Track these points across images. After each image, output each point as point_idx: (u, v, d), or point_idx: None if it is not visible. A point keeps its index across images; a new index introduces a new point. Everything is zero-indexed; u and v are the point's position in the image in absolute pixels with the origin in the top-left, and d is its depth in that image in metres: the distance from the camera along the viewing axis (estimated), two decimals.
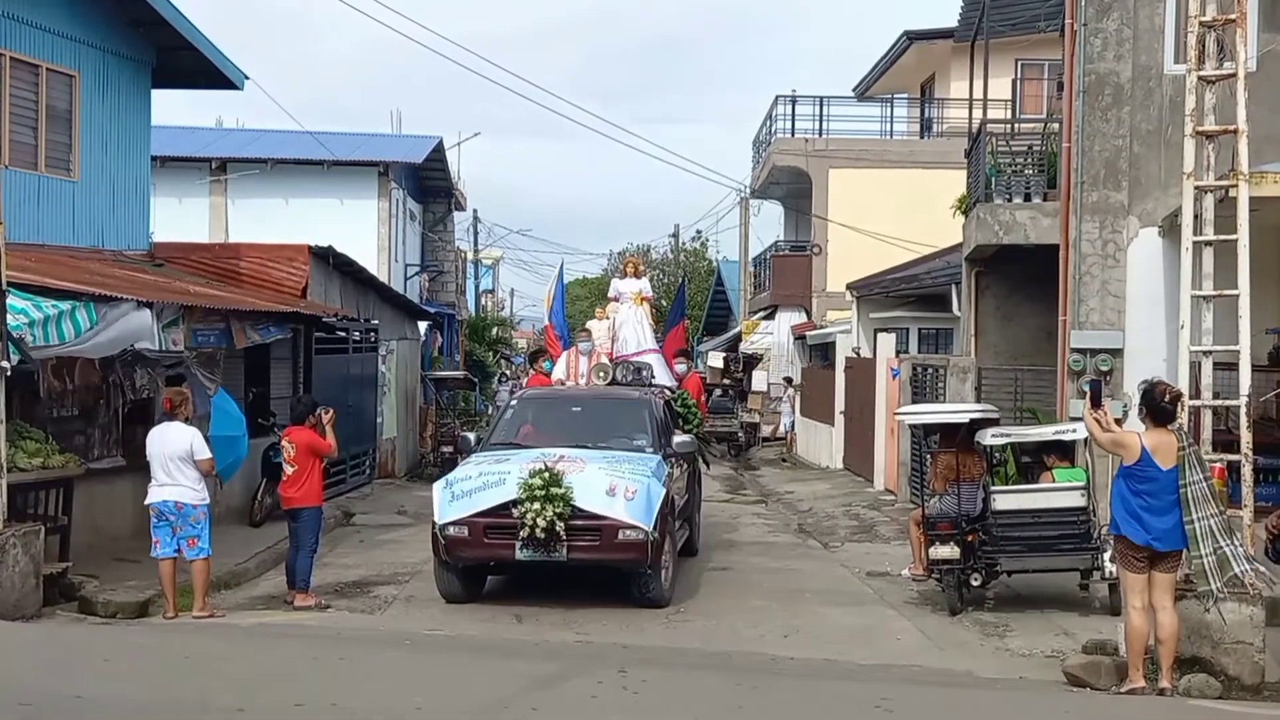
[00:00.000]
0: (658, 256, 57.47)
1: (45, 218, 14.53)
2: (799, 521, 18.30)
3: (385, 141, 32.39)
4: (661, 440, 12.60)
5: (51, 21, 14.59)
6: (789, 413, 30.41)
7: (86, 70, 15.23)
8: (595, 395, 13.95)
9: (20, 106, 14.14)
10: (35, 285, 11.10)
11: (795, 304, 32.59)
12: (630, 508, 11.03)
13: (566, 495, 10.89)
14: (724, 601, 11.87)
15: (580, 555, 11.08)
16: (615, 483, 11.17)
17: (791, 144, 31.46)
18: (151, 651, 8.63)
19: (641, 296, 16.83)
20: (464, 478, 11.52)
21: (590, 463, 11.51)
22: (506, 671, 8.21)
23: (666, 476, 11.89)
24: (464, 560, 11.40)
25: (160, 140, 19.16)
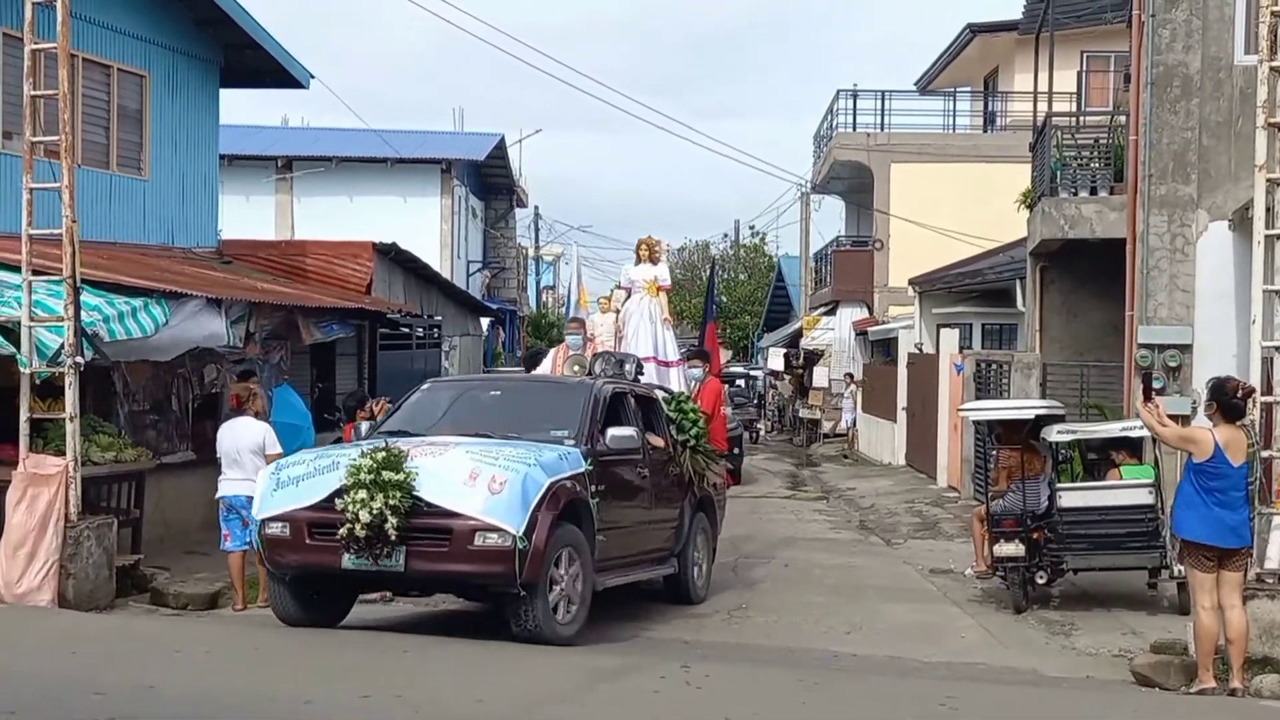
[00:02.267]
0: (717, 252, 57.46)
1: (117, 216, 14.80)
2: (861, 518, 18.23)
3: (448, 139, 32.65)
4: (594, 434, 9.85)
5: (122, 22, 14.85)
6: (850, 409, 30.29)
7: (156, 70, 15.49)
8: (520, 381, 12.27)
9: (92, 107, 14.41)
10: (108, 282, 11.32)
11: (857, 299, 32.44)
12: (493, 503, 8.43)
13: (405, 482, 8.46)
14: (785, 597, 11.85)
15: (424, 566, 8.61)
16: (479, 469, 8.59)
17: (853, 138, 31.29)
18: (221, 643, 8.78)
19: (657, 285, 13.75)
20: (296, 462, 9.24)
21: (459, 446, 9.10)
22: (566, 665, 8.27)
23: (577, 476, 9.24)
24: (287, 569, 9.05)
25: (228, 139, 19.44)
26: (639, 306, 13.52)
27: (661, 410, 11.46)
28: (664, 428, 11.28)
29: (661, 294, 13.76)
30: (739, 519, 17.69)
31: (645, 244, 14.02)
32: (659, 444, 10.99)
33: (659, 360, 13.33)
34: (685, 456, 11.29)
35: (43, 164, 10.77)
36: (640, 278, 13.73)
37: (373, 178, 28.78)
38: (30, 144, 10.42)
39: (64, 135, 10.26)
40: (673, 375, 13.30)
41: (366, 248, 18.15)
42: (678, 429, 11.48)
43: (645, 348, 13.21)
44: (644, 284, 13.66)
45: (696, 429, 11.57)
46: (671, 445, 11.25)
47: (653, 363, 13.13)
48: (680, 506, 11.16)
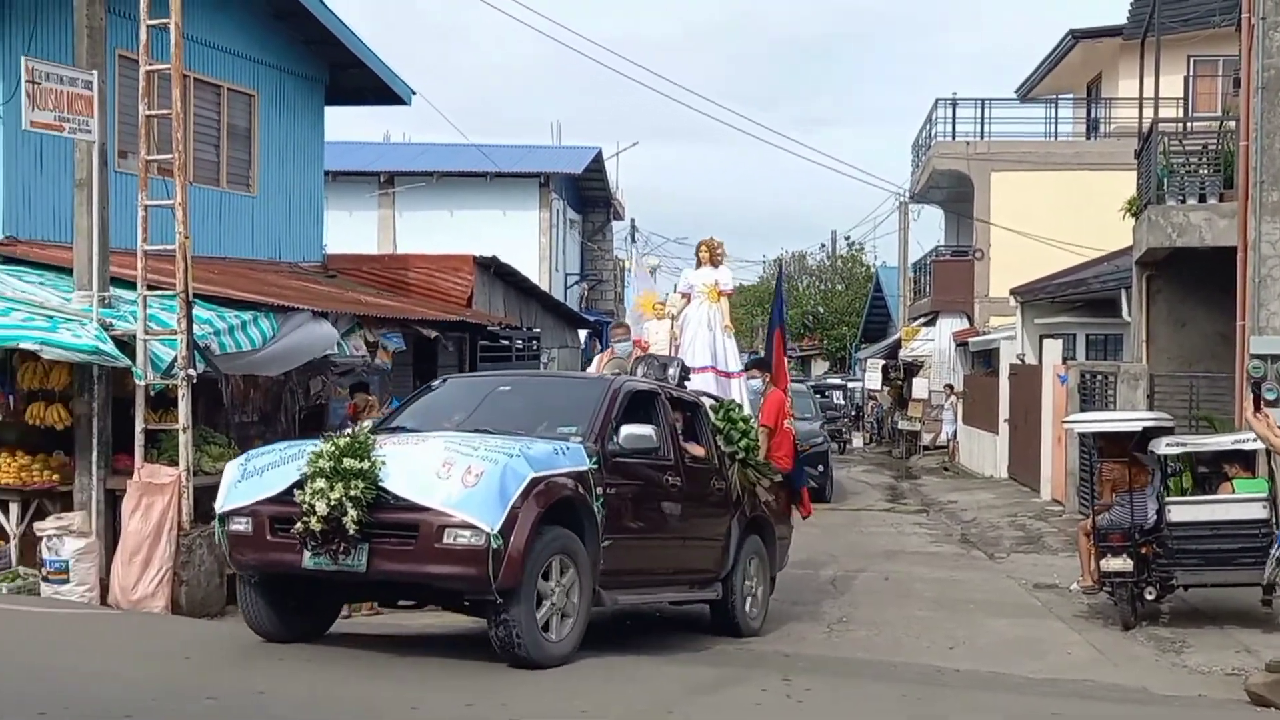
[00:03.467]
0: (814, 263, 57.21)
1: (226, 231, 15.19)
2: (962, 531, 18.01)
3: (546, 153, 32.94)
4: (605, 432, 8.84)
5: (232, 43, 15.25)
6: (950, 420, 29.93)
7: (264, 89, 15.87)
8: (537, 377, 11.57)
9: (203, 125, 14.81)
10: (219, 296, 11.63)
11: (957, 310, 32.07)
12: (465, 496, 7.51)
13: (369, 471, 7.62)
14: (886, 611, 11.75)
15: (388, 566, 7.72)
16: (454, 459, 7.68)
17: (952, 147, 30.97)
18: (326, 650, 8.93)
19: (718, 290, 12.75)
20: (264, 451, 8.52)
21: (438, 437, 8.27)
22: (665, 676, 8.27)
23: (576, 474, 8.25)
24: (248, 569, 8.29)
25: (332, 155, 19.84)
26: (697, 313, 12.62)
27: (705, 417, 10.46)
28: (707, 436, 10.29)
29: (723, 299, 12.76)
30: (837, 531, 17.62)
31: (705, 245, 13.06)
32: (698, 453, 10.05)
33: (718, 370, 12.42)
34: (733, 470, 10.31)
35: (157, 182, 11.10)
36: (699, 282, 12.78)
37: (473, 192, 29.14)
38: (145, 162, 10.74)
39: (177, 154, 10.56)
40: (734, 388, 12.37)
41: (467, 261, 18.39)
42: (725, 439, 10.48)
43: (703, 357, 12.36)
44: (703, 289, 12.71)
45: (747, 440, 10.64)
46: (716, 456, 10.26)
47: (711, 373, 12.29)
48: (726, 525, 10.09)
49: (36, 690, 7.09)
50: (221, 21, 15.01)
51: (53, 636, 9.10)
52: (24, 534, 10.94)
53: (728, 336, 12.72)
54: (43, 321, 10.47)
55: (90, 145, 10.69)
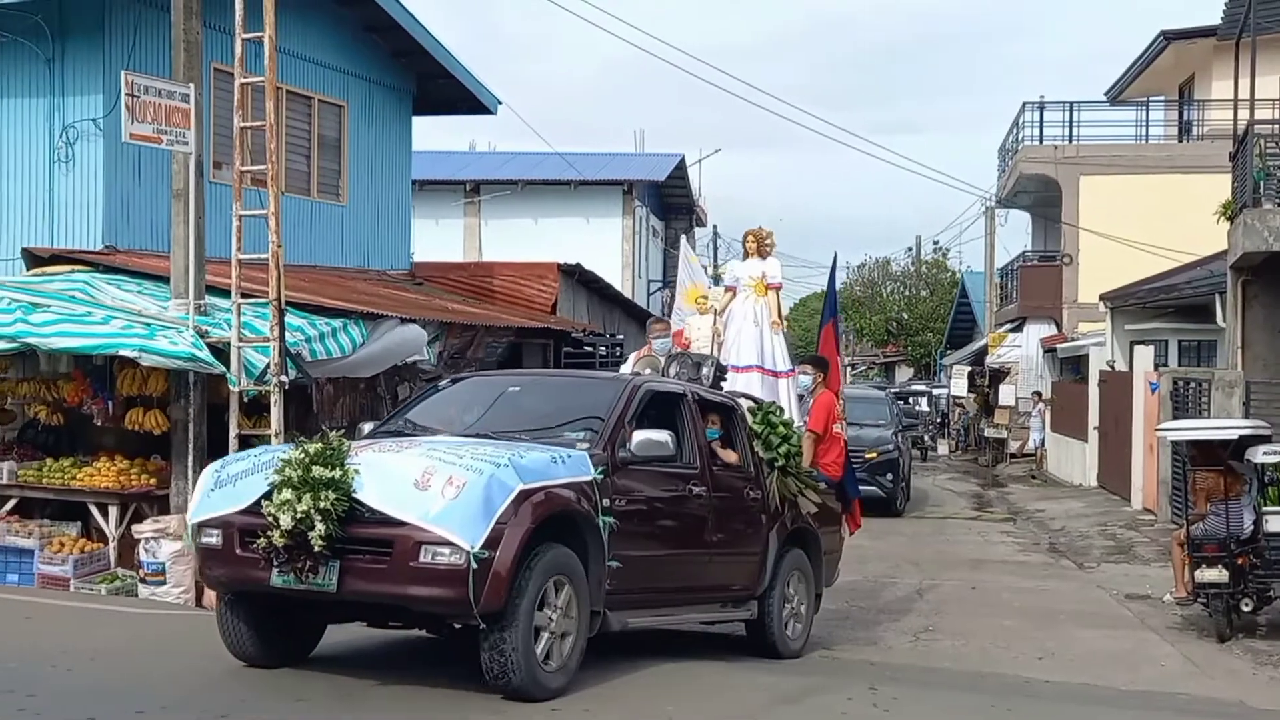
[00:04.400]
0: (898, 269, 56.72)
1: (317, 240, 15.47)
2: (1050, 540, 17.76)
3: (629, 160, 33.08)
4: (617, 437, 8.08)
5: (323, 55, 15.53)
6: (1038, 428, 29.52)
7: (354, 100, 16.15)
8: (551, 377, 10.69)
9: (295, 136, 15.09)
10: (310, 304, 11.85)
11: (1044, 316, 31.64)
12: (445, 509, 6.83)
13: (341, 481, 6.97)
14: (973, 621, 11.63)
15: (360, 586, 7.02)
16: (435, 468, 6.99)
17: (1040, 151, 30.58)
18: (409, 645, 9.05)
19: (766, 283, 11.86)
20: (240, 458, 7.90)
21: (422, 444, 7.61)
22: (750, 684, 8.25)
23: (577, 484, 7.48)
24: (218, 585, 7.70)
25: (418, 164, 20.10)
26: (743, 308, 11.76)
27: (741, 422, 9.62)
28: (743, 442, 9.51)
29: (771, 293, 11.86)
30: (923, 539, 17.48)
31: (753, 235, 12.16)
32: (731, 460, 9.31)
33: (765, 370, 11.61)
34: (771, 478, 9.50)
35: (250, 192, 11.32)
36: (746, 274, 11.90)
37: (557, 200, 29.35)
38: (240, 173, 10.97)
39: (271, 164, 10.76)
40: (782, 389, 11.53)
41: (551, 268, 18.53)
42: (763, 445, 9.61)
43: (748, 355, 11.54)
44: (750, 282, 11.82)
45: (787, 446, 9.68)
46: (752, 463, 9.47)
47: (756, 373, 11.50)
48: (762, 538, 9.29)
49: (136, 689, 7.28)
50: (313, 34, 15.30)
51: (150, 637, 9.33)
52: (122, 537, 11.21)
53: (776, 334, 11.86)
54: (141, 329, 10.74)
55: (187, 157, 10.94)
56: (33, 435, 12.34)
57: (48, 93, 13.13)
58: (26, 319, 10.67)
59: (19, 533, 11.25)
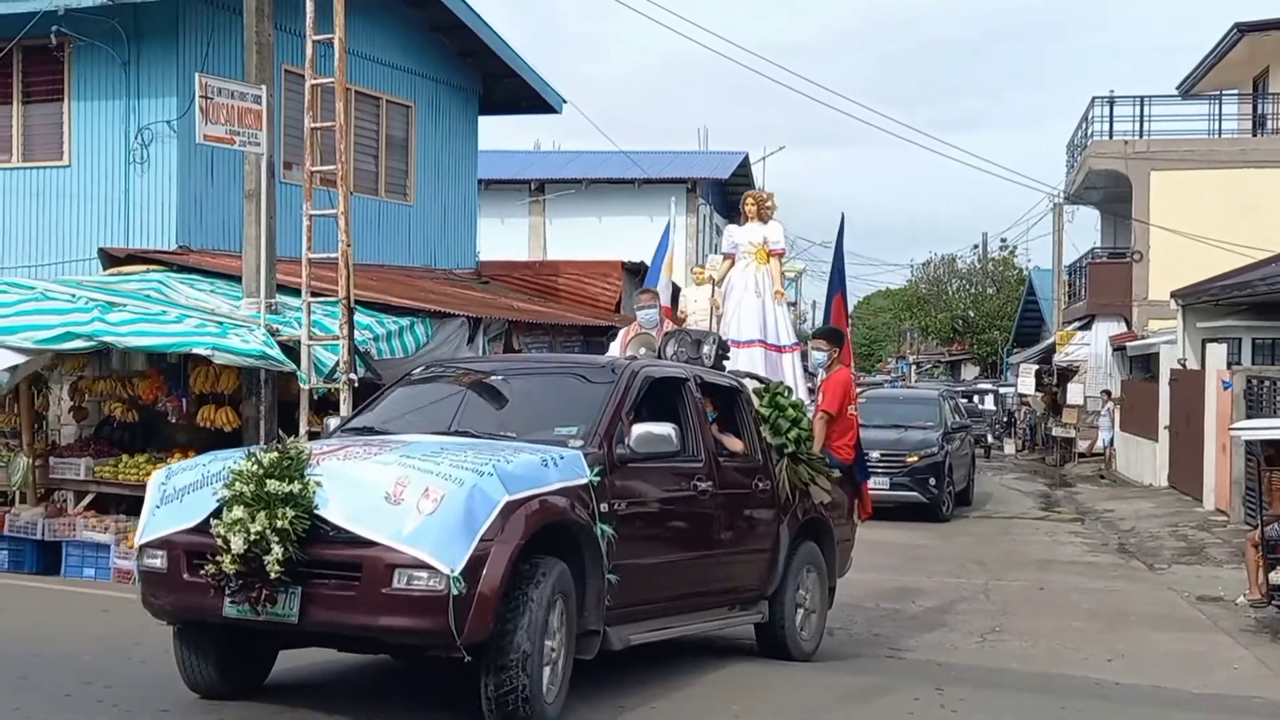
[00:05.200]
0: (964, 266, 56.23)
1: (384, 240, 15.65)
2: (1120, 541, 17.54)
3: (692, 158, 33.09)
4: (614, 433, 7.26)
5: (390, 56, 15.70)
6: (1108, 427, 29.15)
7: (421, 100, 16.31)
8: (538, 365, 9.42)
9: (363, 136, 15.28)
10: (378, 303, 11.99)
11: (1114, 313, 31.21)
12: (421, 527, 6.03)
13: (301, 496, 6.16)
14: (1041, 621, 11.52)
15: (326, 615, 6.18)
16: (409, 479, 6.18)
17: (1109, 146, 30.15)
18: None
19: (767, 250, 10.89)
20: (189, 466, 6.91)
21: (395, 448, 6.69)
22: (816, 684, 8.24)
23: (572, 489, 6.70)
24: (166, 617, 6.80)
25: (484, 164, 20.26)
26: (743, 277, 10.80)
27: (748, 405, 8.82)
28: (750, 427, 8.73)
29: (773, 260, 10.90)
30: (989, 539, 17.34)
31: (752, 198, 11.22)
32: (737, 448, 8.54)
33: (768, 345, 10.68)
34: (781, 466, 8.73)
35: (319, 192, 11.48)
36: (745, 240, 10.92)
37: (621, 198, 29.41)
38: (310, 173, 11.12)
39: (340, 164, 10.90)
40: (786, 365, 10.70)
41: (615, 267, 18.59)
42: (771, 429, 8.77)
43: (750, 328, 10.63)
44: (750, 248, 10.86)
45: (797, 430, 8.81)
46: (760, 450, 8.68)
47: (759, 348, 10.58)
48: (772, 533, 8.60)
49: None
50: (381, 35, 15.47)
51: None
52: None
53: (779, 304, 10.90)
54: (213, 327, 10.92)
55: (259, 157, 11.11)
56: (109, 432, 12.59)
57: (123, 95, 13.42)
58: (103, 318, 10.88)
59: (95, 528, 11.48)
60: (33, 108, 14.03)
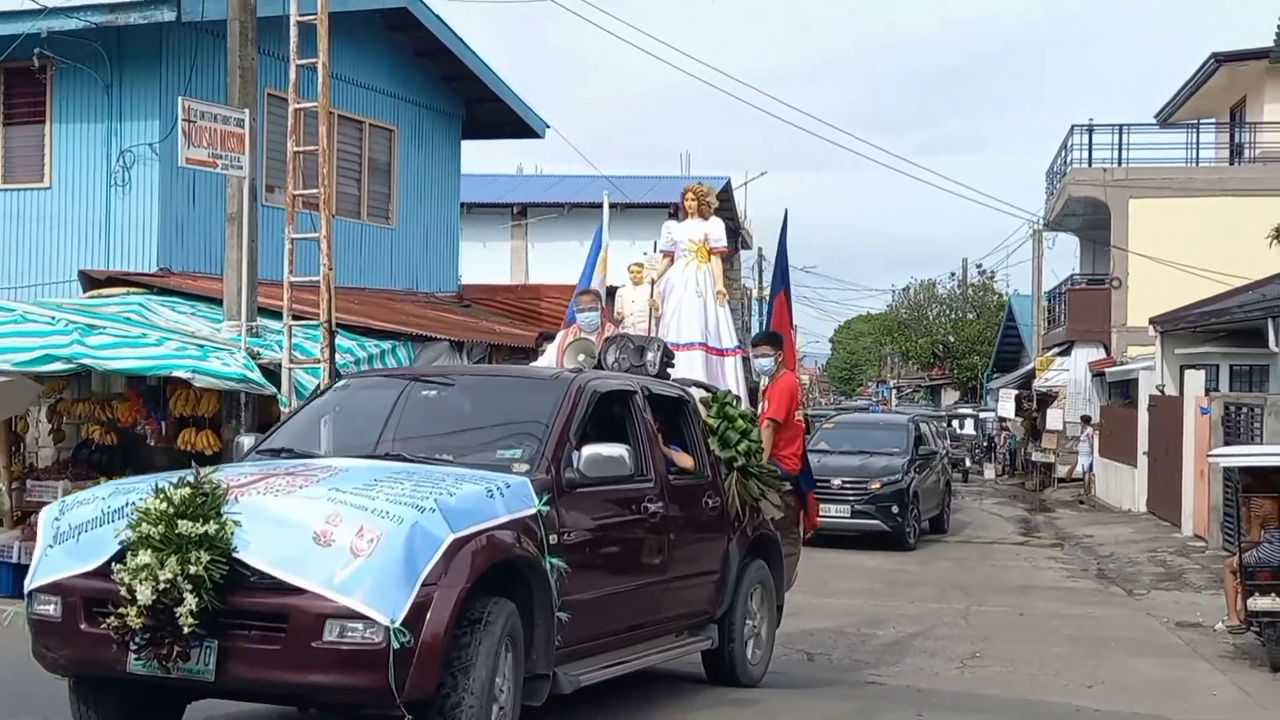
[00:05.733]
0: (944, 291, 56.47)
1: (366, 263, 15.65)
2: (1099, 566, 17.58)
3: (675, 183, 33.06)
4: (562, 455, 6.70)
5: (374, 80, 15.74)
6: (1087, 452, 29.27)
7: (404, 124, 16.34)
8: (475, 378, 8.34)
9: (346, 160, 15.30)
10: (360, 326, 11.99)
11: (1093, 339, 31.39)
12: (354, 572, 5.43)
13: (218, 538, 5.49)
14: (1021, 647, 11.53)
15: (248, 671, 5.57)
16: (341, 516, 5.55)
17: (1088, 174, 30.40)
18: None
19: (709, 248, 10.35)
20: (85, 500, 6.11)
21: (324, 480, 5.97)
22: (795, 708, 8.22)
23: (520, 521, 6.11)
24: (61, 670, 6.07)
25: (466, 187, 20.29)
26: (683, 276, 10.20)
27: (695, 416, 8.28)
28: (698, 440, 8.18)
29: (714, 259, 10.34)
30: (969, 565, 17.36)
31: (692, 193, 10.61)
32: (686, 463, 7.99)
33: (709, 348, 10.10)
34: (730, 480, 8.20)
35: (302, 215, 11.48)
36: (685, 237, 10.35)
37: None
38: (292, 197, 11.12)
39: (323, 188, 10.90)
40: (729, 369, 10.13)
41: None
42: (720, 442, 8.24)
43: (690, 331, 10.03)
44: (690, 245, 10.30)
45: (747, 442, 8.29)
46: (709, 465, 8.16)
47: (700, 351, 9.99)
48: (722, 552, 8.10)
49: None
50: (365, 60, 15.51)
51: None
52: None
53: (721, 305, 10.31)
54: (194, 350, 10.90)
55: (241, 181, 11.12)
56: (87, 455, 12.53)
57: (105, 118, 13.42)
58: (83, 340, 10.85)
59: None
60: (13, 129, 14.00)
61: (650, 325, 10.14)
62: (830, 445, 19.89)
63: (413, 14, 15.79)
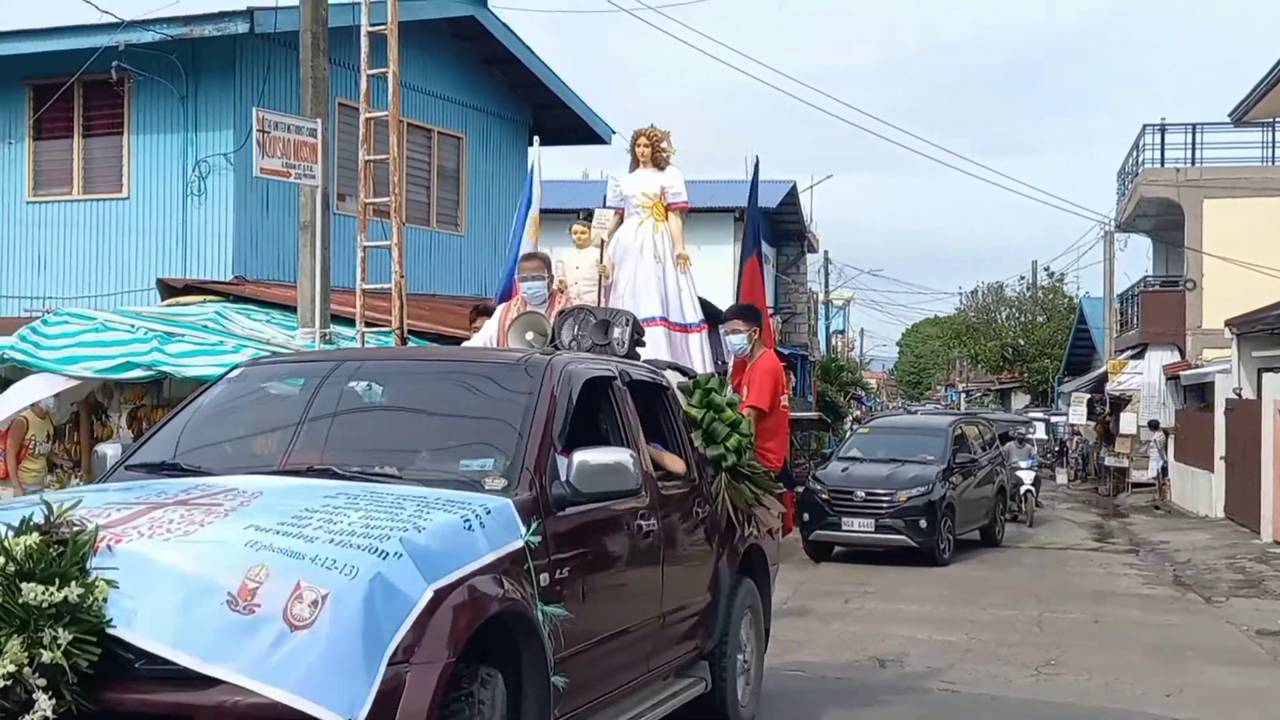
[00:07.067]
0: (1013, 294, 55.89)
1: (436, 269, 15.80)
2: (1175, 573, 17.30)
3: (739, 187, 33.08)
4: (545, 464, 5.11)
5: (443, 89, 15.89)
6: (1156, 457, 28.85)
7: (472, 132, 16.48)
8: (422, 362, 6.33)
9: (415, 168, 15.45)
10: (430, 333, 12.08)
11: (1166, 342, 30.92)
12: (291, 652, 3.78)
13: (87, 608, 3.78)
14: (1097, 656, 11.37)
15: None
16: (264, 570, 3.88)
17: (1161, 174, 29.96)
18: None
19: (665, 203, 8.72)
20: None
21: (234, 510, 4.30)
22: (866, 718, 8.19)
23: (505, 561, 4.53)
24: None
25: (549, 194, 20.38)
26: (636, 238, 8.61)
27: (675, 406, 6.76)
28: (683, 437, 6.69)
29: (674, 216, 8.76)
30: (1042, 571, 17.16)
31: (644, 137, 8.83)
32: (677, 468, 6.52)
33: (670, 323, 8.59)
34: (720, 485, 6.75)
35: (373, 223, 11.61)
36: (638, 191, 8.72)
37: None
38: (364, 205, 11.25)
39: (394, 196, 11.02)
40: (694, 347, 8.70)
41: None
42: (705, 437, 6.74)
43: (649, 303, 8.42)
44: (645, 200, 8.67)
45: (737, 436, 6.80)
46: (695, 465, 6.67)
47: (660, 326, 8.39)
48: (711, 574, 6.69)
49: None
50: (433, 68, 15.66)
51: None
52: None
53: (683, 272, 8.74)
54: None
55: (314, 190, 11.26)
56: None
57: (181, 128, 13.66)
58: (162, 348, 11.05)
59: None
60: (93, 141, 14.30)
61: (600, 296, 8.46)
62: (862, 452, 18.94)
63: (480, 23, 15.93)
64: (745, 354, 7.95)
